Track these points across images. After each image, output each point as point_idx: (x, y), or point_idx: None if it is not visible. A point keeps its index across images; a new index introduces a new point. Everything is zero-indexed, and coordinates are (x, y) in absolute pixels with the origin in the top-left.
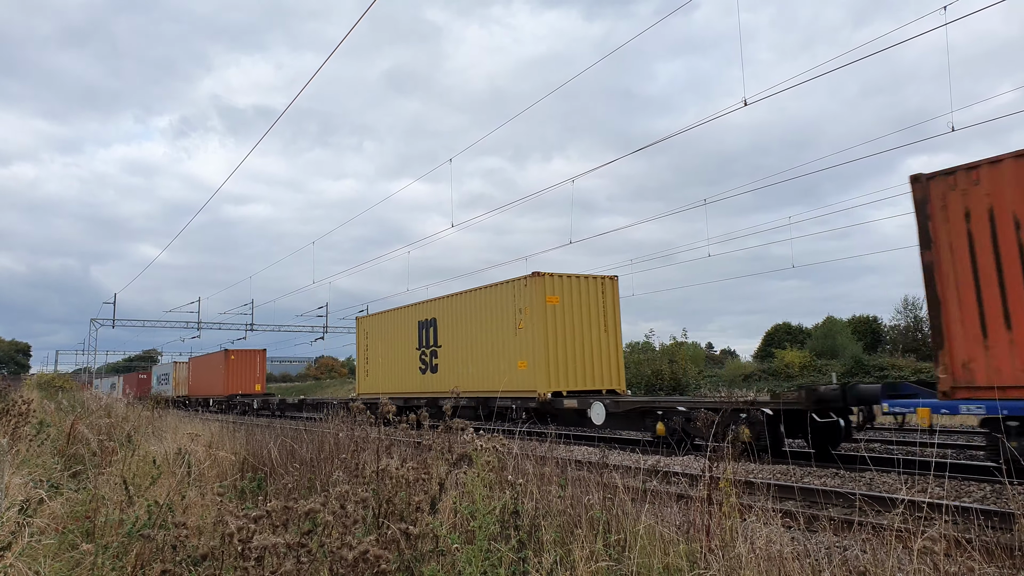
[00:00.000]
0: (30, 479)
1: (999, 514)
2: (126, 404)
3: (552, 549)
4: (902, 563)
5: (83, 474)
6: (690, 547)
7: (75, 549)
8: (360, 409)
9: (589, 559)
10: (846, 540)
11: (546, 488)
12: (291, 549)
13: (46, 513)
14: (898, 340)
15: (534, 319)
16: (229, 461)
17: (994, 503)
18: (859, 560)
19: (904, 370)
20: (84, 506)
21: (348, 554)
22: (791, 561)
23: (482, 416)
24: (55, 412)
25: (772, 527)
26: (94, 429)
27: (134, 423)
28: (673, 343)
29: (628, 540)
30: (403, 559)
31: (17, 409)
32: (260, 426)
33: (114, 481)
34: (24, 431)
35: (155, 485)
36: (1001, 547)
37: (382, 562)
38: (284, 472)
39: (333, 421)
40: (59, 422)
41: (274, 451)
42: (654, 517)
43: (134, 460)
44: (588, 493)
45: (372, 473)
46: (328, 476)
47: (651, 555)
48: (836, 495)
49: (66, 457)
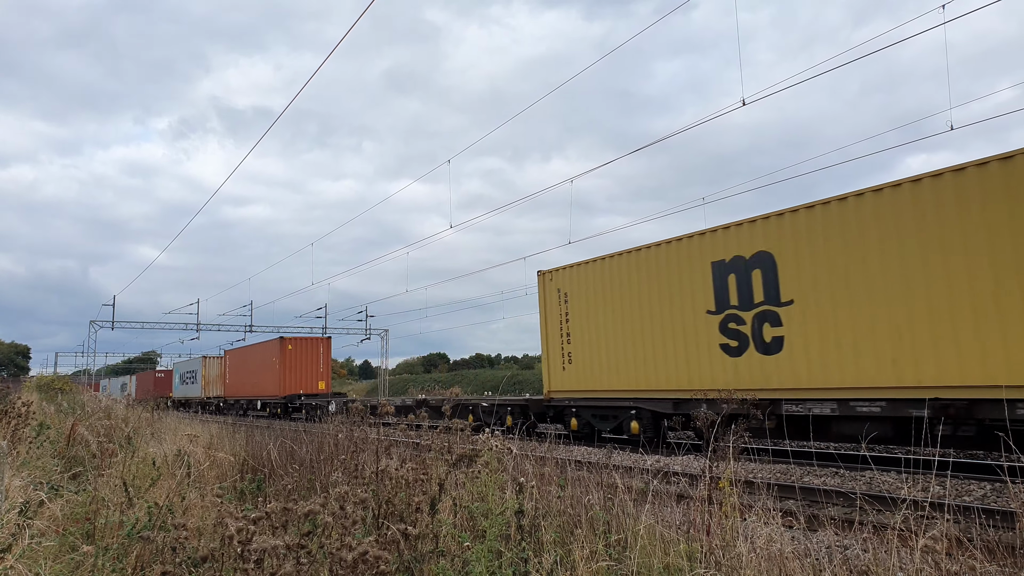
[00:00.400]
0: (30, 481)
1: (1000, 512)
2: (125, 406)
3: (552, 549)
4: (903, 562)
5: (83, 476)
6: (690, 547)
7: (75, 551)
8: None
9: (589, 559)
10: (847, 539)
11: (546, 488)
12: (291, 550)
13: (46, 515)
14: None
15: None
16: (228, 462)
17: (995, 502)
18: (860, 559)
19: None
20: (84, 508)
21: (348, 555)
22: (792, 560)
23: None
24: (55, 414)
25: (772, 526)
26: (94, 431)
27: (134, 425)
28: None
29: (628, 540)
30: (403, 560)
31: (17, 411)
32: (259, 427)
33: (114, 483)
34: (24, 433)
35: (155, 487)
36: (1003, 546)
37: (381, 563)
38: (284, 473)
39: (333, 421)
40: (59, 424)
41: (273, 452)
42: (654, 517)
43: (134, 462)
44: (588, 493)
45: (371, 474)
46: (328, 477)
47: (651, 555)
48: (837, 494)
49: (66, 459)
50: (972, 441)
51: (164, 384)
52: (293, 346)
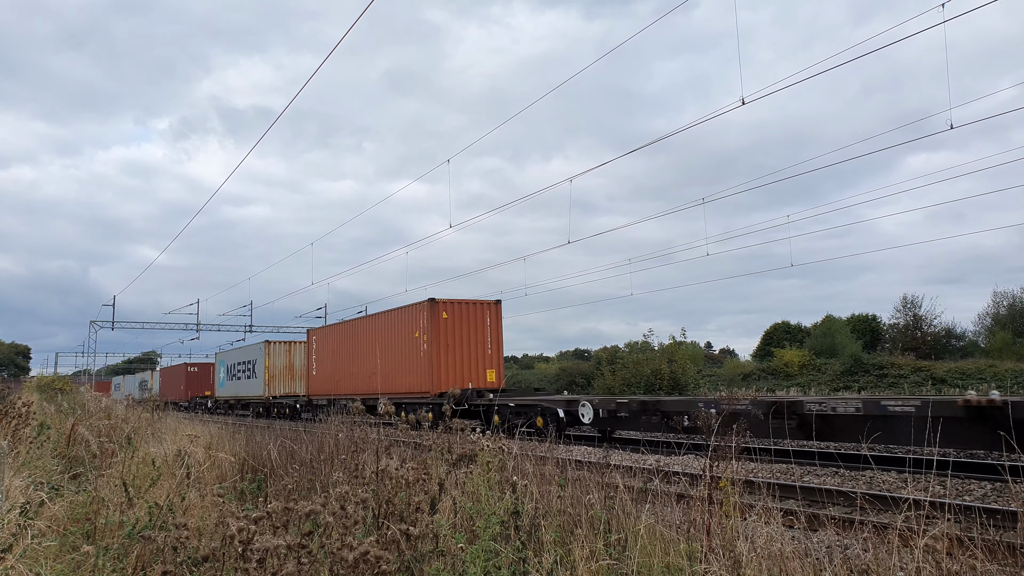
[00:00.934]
0: (31, 481)
1: (1001, 512)
2: (125, 406)
3: (552, 549)
4: (904, 562)
5: (83, 476)
6: (690, 546)
7: (76, 551)
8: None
9: (589, 559)
10: (847, 539)
11: (546, 488)
12: (292, 550)
13: (47, 515)
14: (897, 339)
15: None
16: (229, 462)
17: (995, 501)
18: (861, 559)
19: (903, 368)
20: (85, 508)
21: (348, 555)
22: (792, 560)
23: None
24: (55, 414)
25: (773, 526)
26: (94, 431)
27: (134, 425)
28: (672, 343)
29: (628, 540)
30: (403, 559)
31: (17, 411)
32: (259, 427)
33: (114, 483)
34: (24, 433)
35: (155, 487)
36: (1003, 545)
37: (382, 563)
38: (284, 473)
39: (332, 421)
40: (59, 424)
41: (274, 452)
42: (654, 516)
43: (134, 462)
44: (588, 493)
45: (372, 474)
46: (328, 477)
47: (651, 554)
48: (837, 493)
49: (66, 459)
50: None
51: (200, 380)
52: (449, 314)
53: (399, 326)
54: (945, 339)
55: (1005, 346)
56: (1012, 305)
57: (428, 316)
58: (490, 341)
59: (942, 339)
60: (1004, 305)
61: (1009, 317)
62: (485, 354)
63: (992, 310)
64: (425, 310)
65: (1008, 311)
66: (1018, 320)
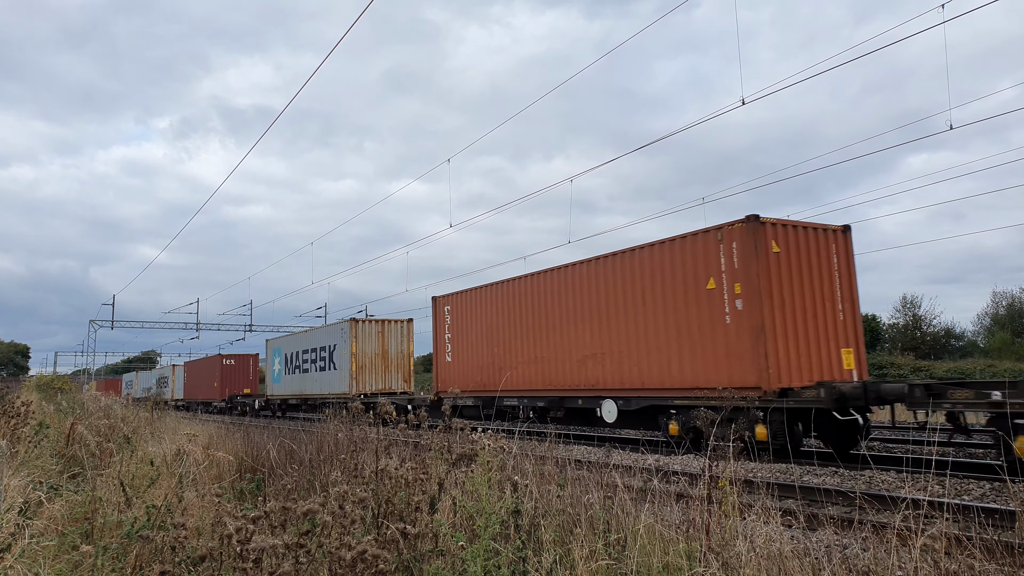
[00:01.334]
0: (29, 481)
1: (1000, 512)
2: (124, 406)
3: (552, 548)
4: (903, 561)
5: (82, 476)
6: (690, 546)
7: (74, 550)
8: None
9: (589, 558)
10: (846, 538)
11: (546, 487)
12: (290, 549)
13: (45, 515)
14: (897, 338)
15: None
16: (227, 462)
17: (994, 501)
18: (859, 558)
19: (903, 368)
20: (83, 508)
21: (347, 554)
22: (791, 559)
23: None
24: (54, 414)
25: (772, 526)
26: (93, 431)
27: (133, 425)
28: None
29: (628, 539)
30: (402, 559)
31: (16, 411)
32: (258, 427)
33: (113, 483)
34: (23, 432)
35: (154, 486)
36: (1002, 545)
37: (380, 562)
38: (283, 473)
39: (332, 421)
40: (58, 424)
41: (272, 452)
42: (654, 516)
43: (132, 462)
44: (588, 492)
45: (371, 473)
46: (327, 476)
47: (651, 554)
48: (836, 493)
49: (65, 459)
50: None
51: (238, 375)
52: (782, 243)
53: (663, 270)
54: (944, 339)
55: (1004, 346)
56: (1011, 305)
57: (743, 247)
58: (841, 297)
59: (941, 339)
60: (1003, 305)
61: (1008, 317)
62: (836, 320)
63: (991, 310)
64: (738, 235)
65: (1007, 311)
66: (1017, 320)
